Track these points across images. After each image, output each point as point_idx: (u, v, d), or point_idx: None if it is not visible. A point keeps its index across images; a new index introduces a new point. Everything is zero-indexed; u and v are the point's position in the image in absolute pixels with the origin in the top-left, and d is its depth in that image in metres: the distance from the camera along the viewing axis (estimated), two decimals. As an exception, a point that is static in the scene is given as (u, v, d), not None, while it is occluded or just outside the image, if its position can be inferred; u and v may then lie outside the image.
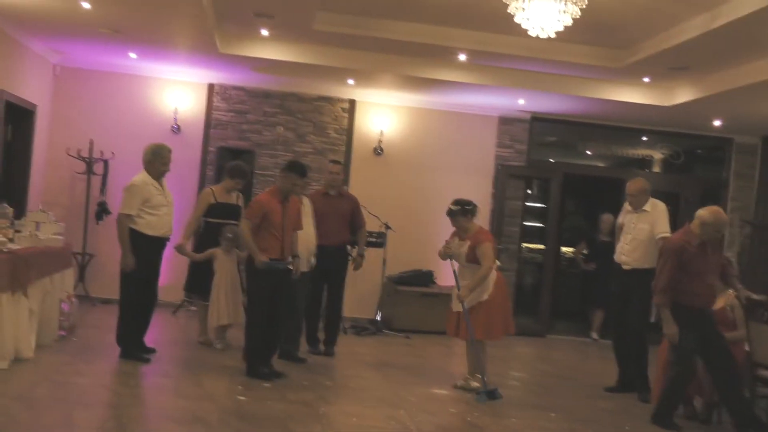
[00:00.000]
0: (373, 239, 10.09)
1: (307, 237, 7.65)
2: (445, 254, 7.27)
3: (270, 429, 5.40)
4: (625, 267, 7.56)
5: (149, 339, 7.56)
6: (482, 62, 9.44)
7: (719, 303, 6.88)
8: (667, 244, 6.63)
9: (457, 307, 7.12)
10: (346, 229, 8.50)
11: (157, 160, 7.24)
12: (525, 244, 12.18)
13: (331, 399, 6.40)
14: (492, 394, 6.91)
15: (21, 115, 9.78)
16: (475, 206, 7.32)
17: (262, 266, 6.79)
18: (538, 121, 11.66)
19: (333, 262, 8.25)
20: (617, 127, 11.85)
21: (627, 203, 7.81)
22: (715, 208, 6.49)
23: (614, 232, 8.30)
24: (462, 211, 7.18)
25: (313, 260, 7.88)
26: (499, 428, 6.04)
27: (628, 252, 7.55)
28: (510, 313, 7.37)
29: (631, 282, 7.49)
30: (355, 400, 6.54)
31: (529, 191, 12.44)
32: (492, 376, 8.09)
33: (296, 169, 7.15)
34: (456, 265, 7.34)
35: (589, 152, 12.43)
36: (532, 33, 6.33)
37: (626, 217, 7.76)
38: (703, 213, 6.39)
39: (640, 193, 7.59)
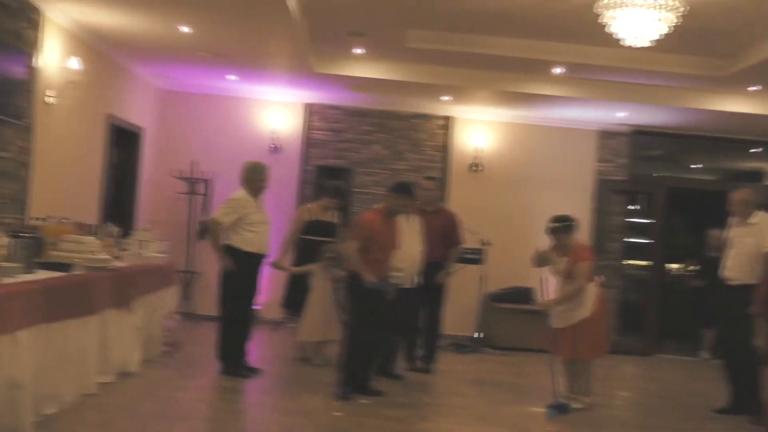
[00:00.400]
0: (471, 255, 9.98)
1: (413, 254, 7.50)
2: (541, 259, 7.12)
3: (365, 445, 5.37)
4: (730, 283, 7.24)
5: (250, 356, 7.64)
6: (580, 75, 9.28)
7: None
8: None
9: (557, 323, 6.95)
10: (443, 246, 8.30)
11: (255, 177, 7.34)
12: (628, 261, 11.84)
13: (427, 416, 6.34)
14: (563, 409, 6.73)
15: (128, 138, 10.12)
16: (575, 221, 7.14)
17: (370, 286, 6.74)
18: (640, 134, 11.37)
19: (430, 279, 8.12)
20: (724, 139, 11.43)
21: (732, 217, 7.49)
22: None
23: (722, 248, 7.96)
24: (563, 228, 6.99)
25: (416, 278, 7.77)
26: (601, 448, 5.84)
27: (732, 267, 7.22)
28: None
29: (737, 298, 7.16)
30: (451, 418, 6.44)
31: (632, 207, 12.10)
32: (597, 396, 7.89)
33: (405, 190, 7.05)
34: (545, 277, 7.16)
35: (694, 165, 12.04)
36: (626, 43, 6.17)
37: (732, 230, 7.44)
38: None
39: (742, 204, 7.24)
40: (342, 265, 8.21)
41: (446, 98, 10.59)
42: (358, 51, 9.06)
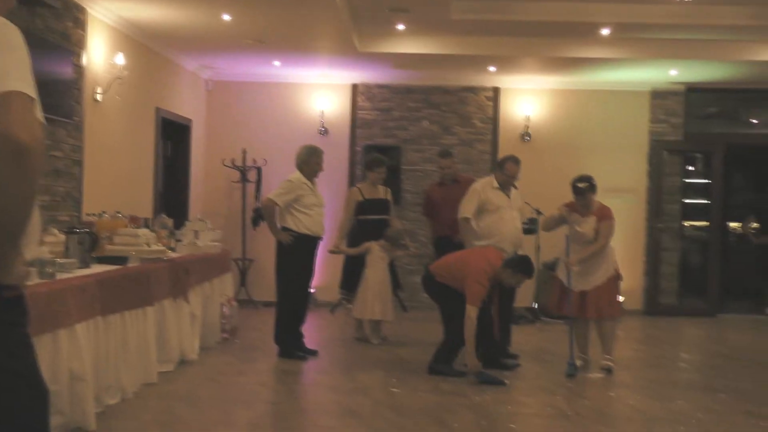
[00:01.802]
0: (526, 225, 9.86)
1: (513, 230, 7.43)
2: (561, 218, 7.12)
3: (422, 420, 5.38)
4: None
5: (308, 338, 7.73)
6: (627, 35, 9.08)
7: None
8: None
9: (583, 285, 6.90)
10: None
11: (312, 160, 7.38)
12: (688, 222, 11.60)
13: (486, 389, 6.29)
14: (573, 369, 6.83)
15: (178, 131, 10.25)
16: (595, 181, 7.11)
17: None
18: (694, 91, 11.09)
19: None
20: (783, 91, 11.08)
21: None
22: None
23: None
24: (591, 187, 7.00)
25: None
26: (665, 412, 5.75)
27: None
28: None
29: None
30: (510, 389, 6.41)
31: (690, 167, 11.82)
32: (659, 359, 7.83)
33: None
34: (570, 235, 7.11)
35: (753, 120, 11.69)
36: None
37: None
38: None
39: None
40: (402, 244, 8.25)
41: (493, 69, 10.47)
42: (401, 27, 8.99)
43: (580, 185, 7.00)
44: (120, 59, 7.87)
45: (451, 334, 6.84)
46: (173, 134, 10.15)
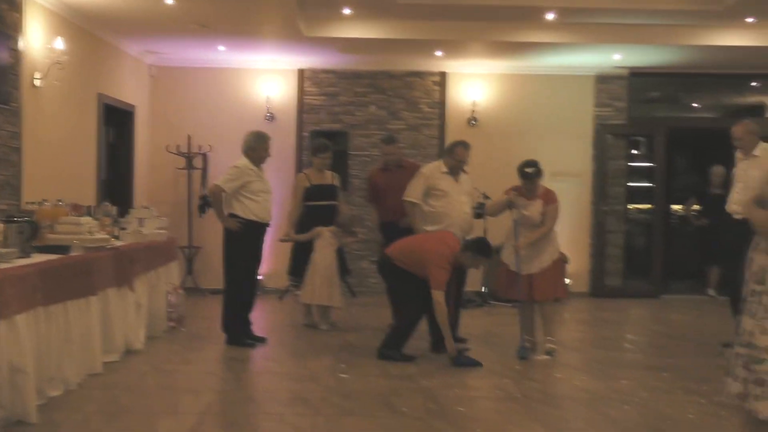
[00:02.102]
0: (477, 210, 9.91)
1: (462, 215, 7.43)
2: (509, 203, 7.15)
3: (372, 404, 5.38)
4: (736, 216, 7.17)
5: (256, 325, 7.68)
6: (572, 20, 9.16)
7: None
8: None
9: (529, 269, 6.98)
10: None
11: (260, 146, 7.31)
12: (632, 205, 11.78)
13: (434, 372, 6.33)
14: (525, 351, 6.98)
15: (121, 117, 10.07)
16: None
17: None
18: (637, 76, 11.23)
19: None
20: (723, 75, 11.28)
21: (737, 151, 7.41)
22: None
23: (726, 185, 7.90)
24: (538, 172, 7.08)
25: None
26: (609, 391, 5.84)
27: (738, 201, 7.15)
28: None
29: (744, 232, 7.09)
30: (459, 372, 6.44)
31: (634, 151, 12.00)
32: (605, 340, 7.95)
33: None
34: (517, 219, 7.16)
35: (695, 104, 11.89)
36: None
37: (738, 164, 7.37)
38: None
39: (745, 135, 7.17)
40: (352, 230, 8.23)
41: (439, 54, 10.48)
42: (348, 11, 8.94)
43: (528, 170, 7.06)
44: (59, 44, 7.68)
45: (403, 320, 6.87)
46: (116, 120, 9.97)
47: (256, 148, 7.30)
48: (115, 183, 9.94)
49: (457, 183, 7.43)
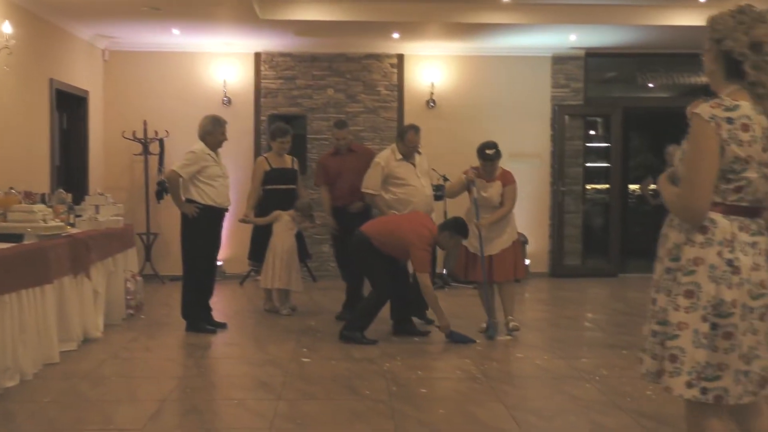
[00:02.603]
0: (437, 193, 9.91)
1: (424, 198, 7.51)
2: (468, 182, 7.18)
3: (334, 388, 5.37)
4: None
5: (217, 311, 7.63)
6: (528, 0, 9.15)
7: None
8: None
9: (491, 250, 7.02)
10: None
11: (216, 130, 7.24)
12: (590, 185, 11.87)
13: (396, 355, 6.33)
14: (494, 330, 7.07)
15: (74, 103, 9.89)
16: None
17: None
18: (593, 56, 11.29)
19: (354, 223, 7.45)
20: (678, 54, 11.35)
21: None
22: None
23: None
24: (498, 153, 7.12)
25: None
26: (570, 370, 5.89)
27: None
28: None
29: None
30: (420, 354, 6.47)
31: (592, 132, 12.08)
32: (565, 319, 8.03)
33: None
34: (475, 198, 7.19)
35: (650, 84, 11.99)
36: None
37: None
38: None
39: None
40: (311, 215, 8.19)
41: (396, 36, 10.43)
42: (303, -7, 8.86)
43: (489, 152, 7.08)
44: (6, 27, 7.49)
45: (367, 303, 6.87)
46: (69, 106, 9.79)
47: (212, 132, 7.23)
48: (70, 170, 9.77)
49: (414, 167, 7.47)
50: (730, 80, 2.95)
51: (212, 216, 7.22)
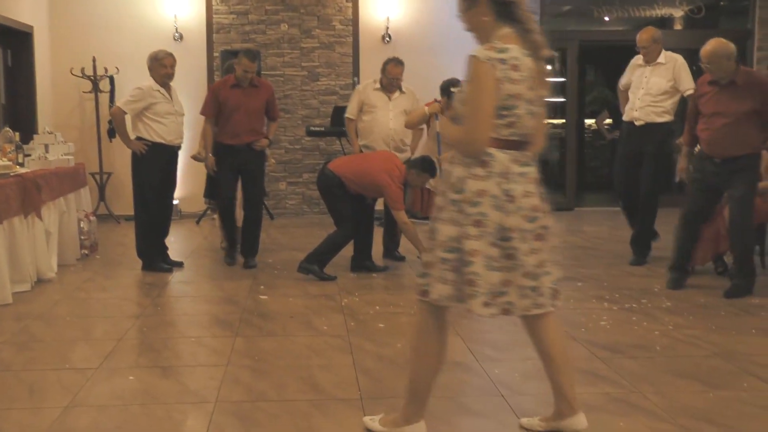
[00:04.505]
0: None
1: (385, 131, 7.46)
2: (432, 114, 7.23)
3: (292, 324, 5.37)
4: (637, 123, 7.29)
5: (173, 250, 7.57)
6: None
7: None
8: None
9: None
10: (261, 125, 7.46)
11: (156, 65, 7.06)
12: (547, 120, 11.88)
13: (354, 291, 6.35)
14: None
15: (18, 39, 9.60)
16: None
17: None
18: (551, -10, 11.21)
19: (249, 162, 7.31)
20: (633, -13, 11.36)
21: (635, 59, 7.51)
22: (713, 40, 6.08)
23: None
24: None
25: None
26: (525, 303, 5.95)
27: (640, 107, 7.27)
28: None
29: (643, 138, 7.25)
30: (378, 289, 6.49)
31: (548, 66, 12.02)
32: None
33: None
34: (437, 132, 7.22)
35: (606, 18, 11.95)
36: None
37: (636, 71, 7.46)
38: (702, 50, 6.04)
39: (652, 42, 7.25)
40: (266, 155, 8.09)
41: (350, -32, 10.24)
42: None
43: (453, 89, 7.02)
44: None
45: (332, 238, 6.84)
46: (13, 42, 9.49)
47: (153, 67, 7.06)
48: (17, 109, 9.53)
49: (388, 99, 7.48)
50: (498, 24, 3.18)
51: (163, 154, 7.09)
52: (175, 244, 8.10)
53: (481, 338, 5.07)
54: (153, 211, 7.13)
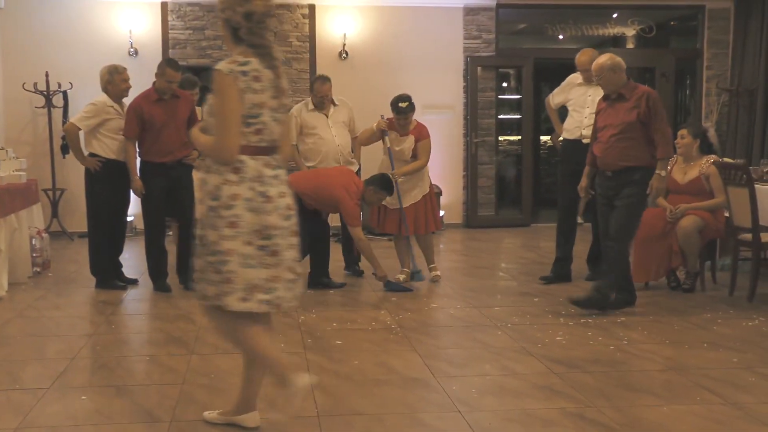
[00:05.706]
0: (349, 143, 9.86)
1: (334, 148, 7.47)
2: (380, 131, 7.23)
3: (248, 342, 5.32)
4: (584, 141, 7.37)
5: (128, 267, 7.48)
6: (439, -50, 9.10)
7: (693, 172, 6.86)
8: None
9: (404, 203, 7.12)
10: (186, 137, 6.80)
11: (115, 78, 6.99)
12: (504, 137, 12.01)
13: (311, 307, 6.33)
14: (419, 276, 7.28)
15: (-30, 53, 9.45)
16: None
17: None
18: (504, 7, 11.33)
19: (182, 177, 7.00)
20: (586, 6, 11.54)
21: (572, 77, 7.65)
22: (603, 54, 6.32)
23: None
24: (411, 106, 7.16)
25: None
26: (483, 318, 5.99)
27: (588, 125, 7.33)
28: None
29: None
30: (335, 306, 6.48)
31: (504, 84, 12.18)
32: (478, 269, 8.15)
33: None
34: (388, 149, 7.26)
35: (560, 36, 12.12)
36: None
37: (575, 90, 7.59)
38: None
39: (588, 65, 7.35)
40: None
41: (307, -15, 10.26)
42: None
43: (402, 105, 7.08)
44: None
45: None
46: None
47: (111, 81, 7.00)
48: (-32, 124, 9.37)
49: (326, 117, 7.45)
50: (237, 42, 3.46)
51: (117, 170, 7.00)
52: (130, 261, 8.00)
53: (439, 354, 5.08)
54: (107, 228, 7.04)
